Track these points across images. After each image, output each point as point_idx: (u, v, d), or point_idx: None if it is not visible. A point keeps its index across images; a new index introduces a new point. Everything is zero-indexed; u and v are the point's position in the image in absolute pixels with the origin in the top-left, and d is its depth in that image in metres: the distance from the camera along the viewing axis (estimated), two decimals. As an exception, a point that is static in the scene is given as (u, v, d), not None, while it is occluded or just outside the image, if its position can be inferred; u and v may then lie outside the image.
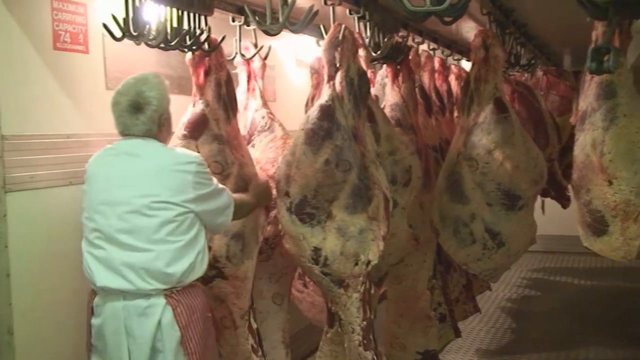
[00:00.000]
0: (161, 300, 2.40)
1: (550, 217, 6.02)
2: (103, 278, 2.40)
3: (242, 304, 3.01)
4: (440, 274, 4.13)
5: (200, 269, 2.53)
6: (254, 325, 3.12)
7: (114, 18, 2.45)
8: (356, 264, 2.75)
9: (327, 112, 2.74)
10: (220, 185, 2.63)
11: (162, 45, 2.62)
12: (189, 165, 2.48)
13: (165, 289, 2.41)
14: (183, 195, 2.44)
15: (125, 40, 2.54)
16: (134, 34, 2.50)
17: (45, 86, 2.74)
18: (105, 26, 2.48)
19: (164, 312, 2.40)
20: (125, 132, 2.51)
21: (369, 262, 2.76)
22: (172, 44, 2.65)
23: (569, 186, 5.32)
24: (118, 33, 2.48)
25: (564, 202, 5.54)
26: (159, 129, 2.54)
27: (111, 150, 2.55)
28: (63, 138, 2.79)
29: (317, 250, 2.75)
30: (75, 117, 2.85)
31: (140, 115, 2.49)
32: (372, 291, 3.01)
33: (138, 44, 2.59)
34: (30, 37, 2.67)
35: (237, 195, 2.75)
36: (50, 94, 2.76)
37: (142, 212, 2.40)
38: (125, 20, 2.48)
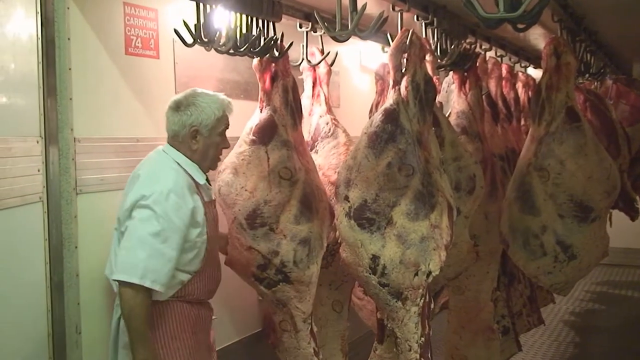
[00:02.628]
0: None
1: (618, 230, 5.82)
2: (107, 269, 2.58)
3: (304, 308, 3.03)
4: (504, 285, 4.05)
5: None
6: (315, 329, 3.14)
7: (185, 24, 2.46)
8: (416, 274, 2.64)
9: (391, 115, 2.69)
10: (160, 247, 2.38)
11: (231, 51, 2.64)
12: (148, 193, 2.40)
13: None
14: (128, 214, 2.45)
15: (195, 46, 2.55)
16: (205, 40, 2.51)
17: (116, 90, 2.78)
18: (176, 32, 2.50)
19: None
20: (167, 131, 2.61)
21: (429, 272, 2.64)
22: (242, 50, 2.66)
23: (638, 198, 5.22)
24: (189, 39, 2.50)
25: (633, 214, 5.37)
26: (189, 139, 2.55)
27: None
28: (133, 142, 2.83)
29: (375, 258, 2.67)
30: (145, 121, 2.89)
31: (177, 113, 2.56)
32: (432, 305, 2.91)
33: (208, 50, 2.61)
34: (103, 42, 2.72)
35: None
36: (121, 98, 2.80)
37: (120, 220, 2.52)
38: (197, 26, 2.49)
